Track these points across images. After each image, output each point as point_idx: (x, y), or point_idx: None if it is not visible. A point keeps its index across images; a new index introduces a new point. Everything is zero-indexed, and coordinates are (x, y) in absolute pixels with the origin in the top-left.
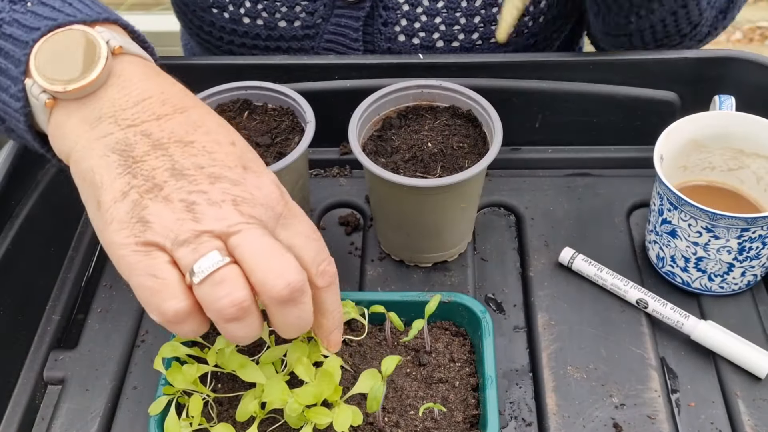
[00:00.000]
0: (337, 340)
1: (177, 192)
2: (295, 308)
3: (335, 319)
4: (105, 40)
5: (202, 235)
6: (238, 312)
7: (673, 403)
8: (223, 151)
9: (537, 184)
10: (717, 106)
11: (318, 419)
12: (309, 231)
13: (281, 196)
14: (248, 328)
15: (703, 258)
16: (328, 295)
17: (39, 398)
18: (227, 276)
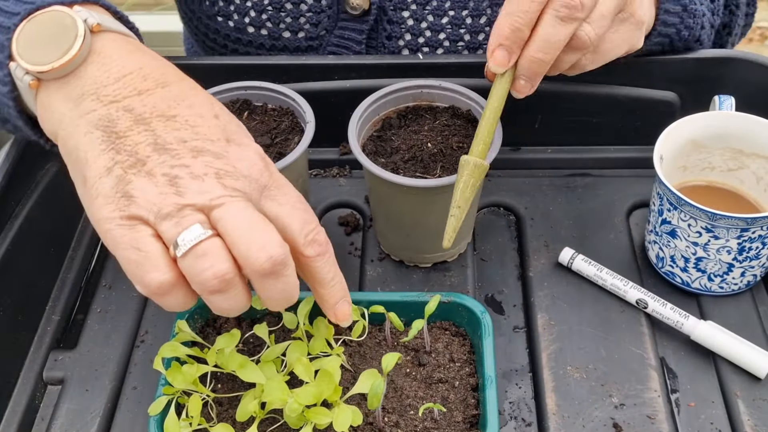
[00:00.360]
0: (344, 311)
1: (160, 166)
2: (278, 281)
3: (335, 289)
4: (83, 19)
5: (185, 209)
6: (220, 284)
7: (673, 403)
8: (206, 124)
9: (537, 184)
10: (717, 107)
11: (318, 419)
12: (295, 201)
13: (265, 167)
14: (233, 300)
15: (702, 258)
16: (321, 265)
17: (39, 398)
18: (209, 249)
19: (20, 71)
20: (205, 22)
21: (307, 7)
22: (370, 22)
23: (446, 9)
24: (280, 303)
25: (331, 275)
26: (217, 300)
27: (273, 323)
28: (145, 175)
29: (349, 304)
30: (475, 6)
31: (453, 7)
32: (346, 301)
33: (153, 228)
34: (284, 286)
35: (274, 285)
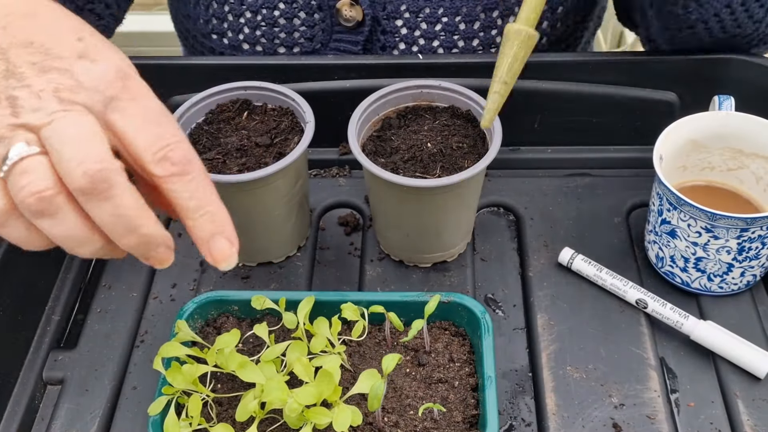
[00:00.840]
0: (220, 249)
1: (4, 90)
2: (104, 203)
3: (204, 219)
4: None
5: (17, 129)
6: (40, 203)
7: (673, 403)
8: (63, 45)
9: (536, 184)
10: (716, 107)
11: (317, 419)
12: (148, 113)
13: (118, 79)
14: (63, 226)
15: (702, 258)
16: (176, 187)
17: (38, 398)
18: (29, 166)
19: None
20: (201, 41)
21: (300, 22)
22: (365, 33)
23: (439, 16)
24: (117, 231)
25: (194, 202)
26: (45, 225)
27: (273, 323)
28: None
29: (229, 241)
30: (468, 12)
31: (446, 14)
32: (222, 237)
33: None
34: (114, 209)
35: (99, 207)
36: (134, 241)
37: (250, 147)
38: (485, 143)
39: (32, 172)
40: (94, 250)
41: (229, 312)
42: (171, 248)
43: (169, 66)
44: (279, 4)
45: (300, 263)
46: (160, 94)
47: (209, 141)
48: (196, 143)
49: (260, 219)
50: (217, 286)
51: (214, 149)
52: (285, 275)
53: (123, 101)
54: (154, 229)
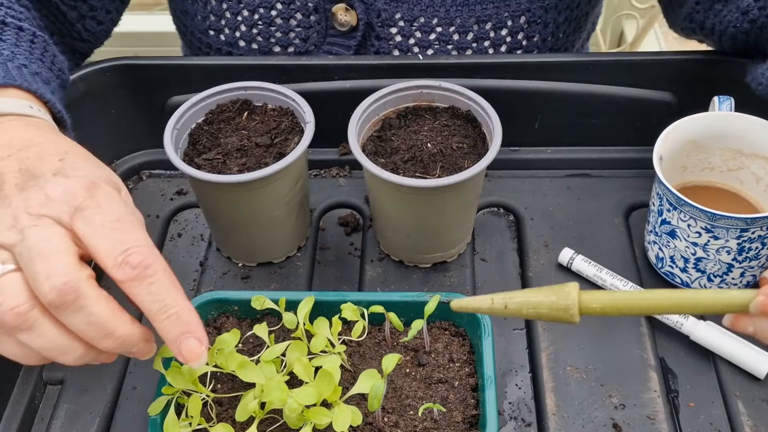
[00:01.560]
0: (190, 349)
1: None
2: (77, 313)
3: (168, 321)
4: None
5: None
6: (16, 319)
7: (673, 404)
8: (44, 166)
9: (536, 184)
10: (716, 107)
11: (317, 419)
12: (108, 220)
13: (84, 188)
14: (42, 338)
15: (702, 258)
16: (140, 290)
17: (38, 398)
18: (4, 284)
19: None
20: (198, 36)
21: (297, 23)
22: (358, 38)
23: (433, 26)
24: (94, 337)
25: (157, 305)
26: (25, 339)
27: (273, 323)
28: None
29: (198, 340)
30: (461, 23)
31: (440, 24)
32: (190, 337)
33: None
34: (86, 318)
35: (72, 317)
36: (112, 344)
37: (250, 147)
38: (485, 143)
39: (7, 290)
40: (78, 356)
41: (229, 312)
42: (150, 341)
43: (169, 66)
44: (276, 4)
45: (300, 263)
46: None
47: (209, 141)
48: (196, 143)
49: (260, 219)
50: (217, 286)
51: (214, 149)
52: (285, 275)
53: (89, 210)
54: (129, 330)
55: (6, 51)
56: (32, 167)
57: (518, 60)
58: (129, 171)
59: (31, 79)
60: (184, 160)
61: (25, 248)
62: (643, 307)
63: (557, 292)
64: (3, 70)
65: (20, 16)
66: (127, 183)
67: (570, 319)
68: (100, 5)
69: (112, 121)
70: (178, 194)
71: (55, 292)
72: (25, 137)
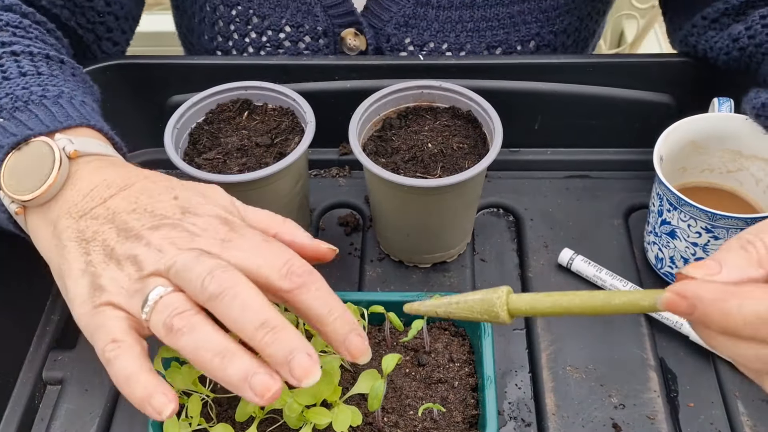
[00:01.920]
0: (357, 346)
1: (125, 252)
2: (233, 301)
3: (338, 323)
4: (61, 147)
5: (147, 279)
6: (180, 321)
7: (673, 404)
8: (163, 206)
9: (536, 185)
10: (716, 108)
11: (317, 419)
12: (257, 243)
13: (224, 223)
14: (204, 337)
15: (702, 259)
16: (306, 298)
17: (38, 398)
18: (169, 300)
19: (7, 200)
20: (204, 54)
21: (305, 46)
22: None
23: (443, 51)
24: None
25: (326, 308)
26: (185, 341)
27: None
28: (114, 264)
29: (361, 337)
30: (471, 48)
31: (450, 49)
32: (356, 335)
33: (124, 311)
34: (242, 304)
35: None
36: (268, 336)
37: (250, 147)
38: (486, 144)
39: (172, 304)
40: (246, 365)
41: None
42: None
43: (169, 66)
44: (285, 27)
45: None
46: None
47: (209, 141)
48: (196, 143)
49: None
50: None
51: (215, 149)
52: None
53: (234, 240)
54: (275, 315)
55: (65, 88)
56: (149, 207)
57: (518, 61)
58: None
59: (97, 117)
60: (184, 159)
61: (179, 268)
62: (564, 307)
63: (489, 294)
64: (72, 108)
65: (55, 47)
66: None
67: (499, 319)
68: (117, 26)
69: (112, 120)
70: None
71: (214, 283)
72: (119, 175)
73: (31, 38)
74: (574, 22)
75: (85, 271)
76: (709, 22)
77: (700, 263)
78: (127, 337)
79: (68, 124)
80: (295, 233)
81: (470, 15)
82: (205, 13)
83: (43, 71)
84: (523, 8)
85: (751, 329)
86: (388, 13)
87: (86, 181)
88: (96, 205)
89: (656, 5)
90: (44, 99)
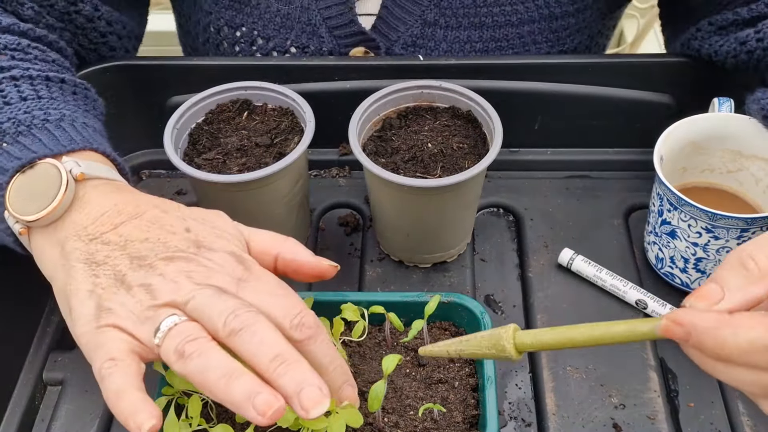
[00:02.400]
0: (349, 396)
1: (136, 280)
2: (250, 330)
3: (336, 373)
4: (68, 170)
5: (162, 308)
6: (192, 346)
7: (673, 404)
8: (177, 238)
9: (536, 185)
10: (716, 108)
11: (313, 425)
12: (273, 288)
13: (239, 262)
14: (213, 361)
15: (702, 259)
16: (314, 348)
17: (38, 399)
18: (183, 328)
19: (12, 220)
20: None
21: None
22: None
23: None
24: (267, 357)
25: (328, 359)
26: (194, 365)
27: None
28: (124, 290)
29: (353, 387)
30: None
31: None
32: (349, 385)
33: (129, 334)
34: (260, 337)
35: (247, 338)
36: (281, 365)
37: (250, 147)
38: (485, 144)
39: (186, 331)
40: (249, 384)
41: None
42: None
43: (169, 66)
44: (290, 48)
45: None
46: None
47: (209, 141)
48: (196, 143)
49: (260, 219)
50: None
51: (215, 149)
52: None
53: (249, 281)
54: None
55: (66, 111)
56: (162, 238)
57: (518, 61)
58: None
59: (100, 139)
60: (184, 160)
61: (199, 303)
62: (567, 338)
63: (497, 331)
64: (74, 131)
65: (55, 66)
66: None
67: (506, 353)
68: (120, 45)
69: (112, 121)
70: (178, 194)
71: (236, 321)
72: (130, 202)
73: (30, 59)
74: (584, 41)
75: (93, 293)
76: (716, 28)
77: (703, 293)
78: (126, 357)
79: (72, 147)
80: (297, 251)
81: (479, 35)
82: (209, 34)
83: (43, 95)
84: (533, 29)
85: (745, 356)
86: (395, 33)
87: (95, 204)
88: (107, 230)
89: (656, 5)
90: (47, 123)
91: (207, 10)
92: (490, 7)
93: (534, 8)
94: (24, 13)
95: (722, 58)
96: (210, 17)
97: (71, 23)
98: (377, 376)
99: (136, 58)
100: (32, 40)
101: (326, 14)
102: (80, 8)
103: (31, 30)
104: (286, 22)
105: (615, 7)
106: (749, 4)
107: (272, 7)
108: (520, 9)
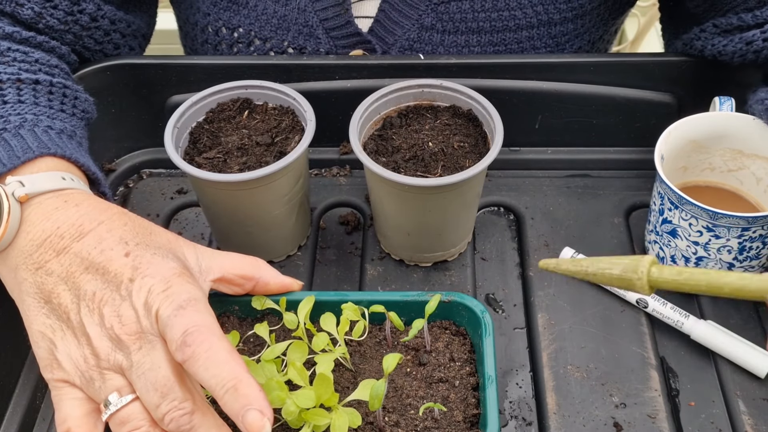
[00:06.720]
0: (250, 422)
1: (79, 326)
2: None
3: (225, 397)
4: (10, 192)
5: (105, 372)
6: None
7: (673, 403)
8: (115, 265)
9: (536, 184)
10: (717, 107)
11: (316, 420)
12: (173, 309)
13: (164, 288)
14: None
15: (703, 258)
16: (195, 369)
17: (39, 399)
18: (127, 414)
19: None
20: None
21: None
22: None
23: None
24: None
25: (214, 381)
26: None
27: (274, 323)
28: (71, 336)
29: (259, 411)
30: None
31: None
32: (251, 409)
33: (82, 391)
34: None
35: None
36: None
37: (250, 146)
38: (486, 143)
39: (130, 417)
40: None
41: (230, 312)
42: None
43: (169, 65)
44: (288, 49)
45: (300, 262)
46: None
47: (210, 140)
48: (196, 142)
49: (261, 218)
50: None
51: (215, 148)
52: (286, 274)
53: (163, 308)
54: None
55: (29, 115)
56: (102, 264)
57: (519, 60)
58: (129, 170)
59: (61, 143)
60: (184, 159)
61: (136, 377)
62: (704, 286)
63: (631, 265)
64: (32, 138)
65: (34, 67)
66: (128, 182)
67: (637, 290)
68: (123, 42)
69: (112, 120)
70: (179, 193)
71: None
72: (72, 223)
73: (8, 62)
74: (584, 46)
75: (44, 336)
76: (721, 30)
77: None
78: (83, 424)
79: (26, 157)
80: (271, 276)
81: (477, 40)
82: (208, 35)
83: (9, 99)
84: (531, 34)
85: None
86: (392, 36)
87: (38, 228)
88: (50, 258)
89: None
90: (4, 132)
91: (205, 11)
92: (488, 12)
93: (532, 14)
94: (23, 13)
95: (728, 58)
96: (208, 18)
97: (76, 23)
98: (378, 376)
99: (136, 56)
100: (17, 42)
101: (323, 15)
102: (83, 7)
103: (17, 32)
104: (283, 23)
105: (617, 14)
106: (753, 11)
107: (269, 8)
108: (518, 15)
